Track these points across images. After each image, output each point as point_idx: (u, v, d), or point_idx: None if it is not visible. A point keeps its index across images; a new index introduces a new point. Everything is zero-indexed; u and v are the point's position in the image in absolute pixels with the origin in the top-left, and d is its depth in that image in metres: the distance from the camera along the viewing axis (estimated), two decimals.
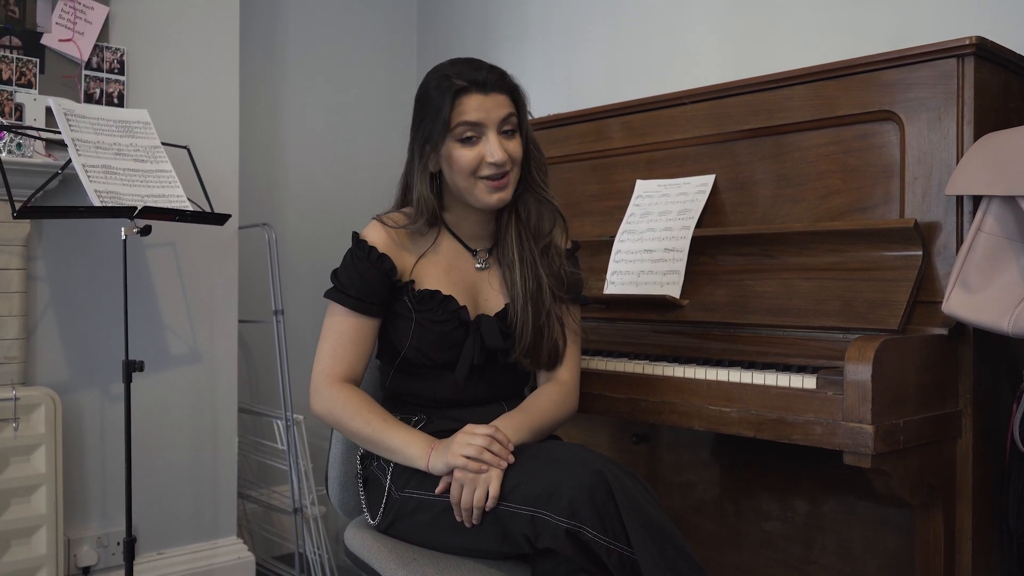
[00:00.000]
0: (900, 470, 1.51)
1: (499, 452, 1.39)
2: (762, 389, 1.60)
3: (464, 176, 1.54)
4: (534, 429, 1.53)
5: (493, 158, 1.52)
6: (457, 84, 1.52)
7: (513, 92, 1.58)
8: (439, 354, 1.57)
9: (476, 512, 1.38)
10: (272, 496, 2.94)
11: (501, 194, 1.56)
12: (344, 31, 3.39)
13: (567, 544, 1.31)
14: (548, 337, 1.59)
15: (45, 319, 2.35)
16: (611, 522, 1.29)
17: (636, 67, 2.77)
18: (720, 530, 2.06)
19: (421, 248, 1.61)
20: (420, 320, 1.56)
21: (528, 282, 1.58)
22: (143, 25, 2.51)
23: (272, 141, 3.20)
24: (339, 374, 1.55)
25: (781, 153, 1.93)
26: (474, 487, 1.37)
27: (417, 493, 1.49)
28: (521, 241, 1.61)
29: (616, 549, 1.29)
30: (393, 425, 1.51)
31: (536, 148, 1.63)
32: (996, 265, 1.57)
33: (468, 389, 1.59)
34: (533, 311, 1.57)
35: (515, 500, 1.36)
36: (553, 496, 1.32)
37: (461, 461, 1.38)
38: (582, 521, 1.29)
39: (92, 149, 2.15)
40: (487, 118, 1.52)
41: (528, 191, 1.62)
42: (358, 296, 1.55)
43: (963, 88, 1.66)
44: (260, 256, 2.87)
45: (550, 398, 1.61)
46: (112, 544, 2.42)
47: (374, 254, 1.56)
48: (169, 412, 2.55)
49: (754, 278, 1.87)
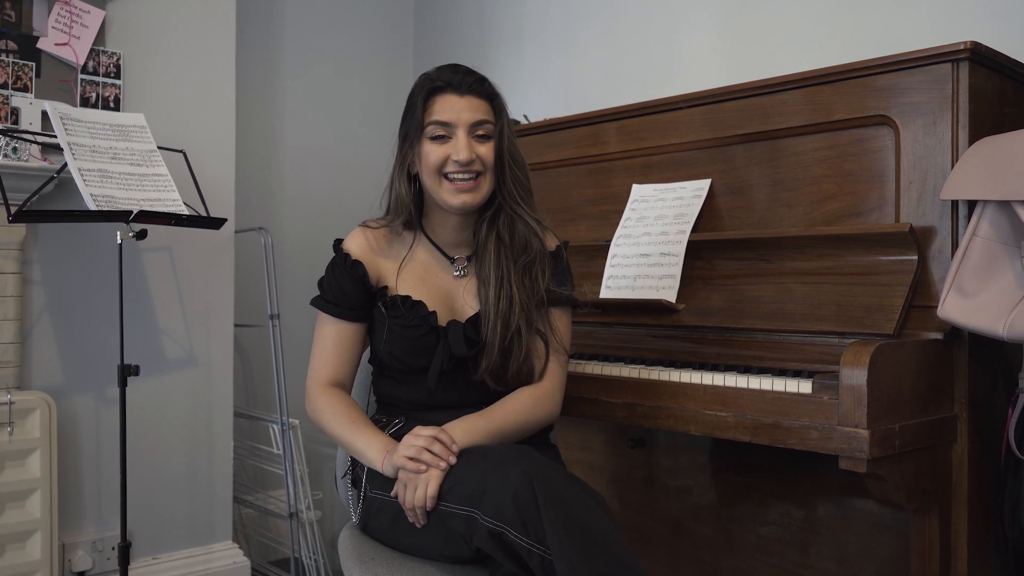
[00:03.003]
0: (896, 474, 1.51)
1: (440, 452, 1.40)
2: (758, 394, 1.60)
3: (431, 174, 1.56)
4: (491, 432, 1.51)
5: (458, 156, 1.52)
6: (433, 84, 1.55)
7: (492, 99, 1.59)
8: (411, 359, 1.58)
9: (419, 511, 1.39)
10: (268, 500, 2.94)
11: (466, 196, 1.55)
12: (340, 35, 3.39)
13: (493, 545, 1.30)
14: (516, 357, 1.57)
15: (40, 323, 2.35)
16: (534, 524, 1.27)
17: (632, 71, 2.78)
18: (716, 535, 2.06)
19: (399, 254, 1.63)
20: (391, 326, 1.58)
21: (500, 301, 1.57)
22: (139, 29, 2.51)
23: (268, 145, 3.20)
24: (326, 379, 1.60)
25: (777, 158, 1.93)
26: (414, 487, 1.39)
27: (380, 494, 1.52)
28: (499, 259, 1.60)
29: (537, 552, 1.26)
30: (361, 428, 1.53)
31: (515, 162, 1.60)
32: (991, 270, 1.57)
33: (442, 393, 1.59)
34: (502, 330, 1.55)
35: (453, 500, 1.36)
36: (483, 496, 1.32)
37: (402, 461, 1.40)
38: (505, 522, 1.28)
39: (88, 153, 2.14)
40: (458, 119, 1.54)
41: (506, 207, 1.60)
42: (336, 302, 1.59)
43: (958, 93, 1.66)
44: (256, 260, 2.87)
45: (519, 401, 1.58)
46: (107, 548, 2.42)
47: (348, 261, 1.59)
48: (165, 416, 2.55)
49: (750, 282, 1.87)
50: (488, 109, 1.57)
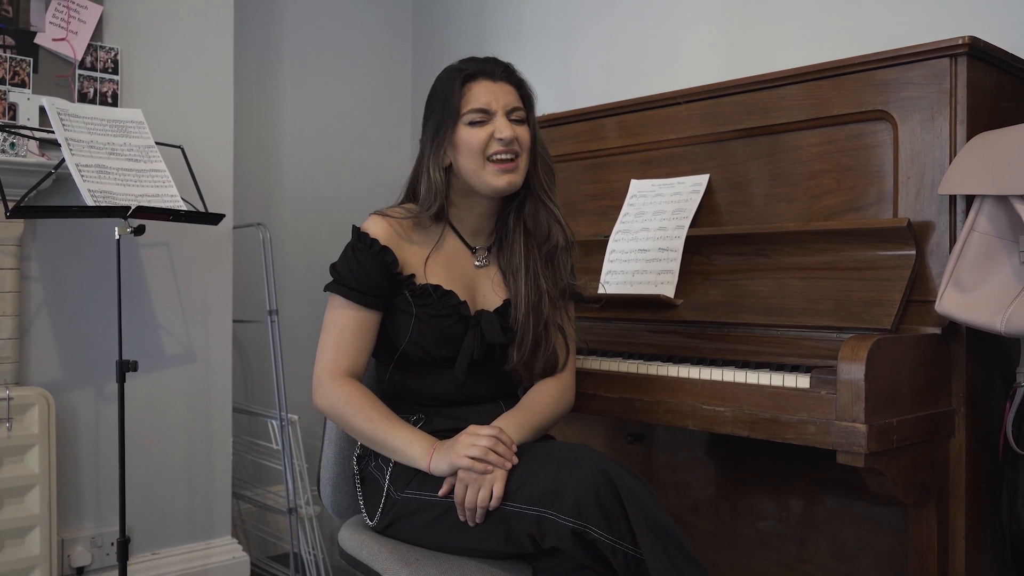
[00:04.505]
0: (893, 469, 1.51)
1: (503, 453, 1.39)
2: (756, 388, 1.60)
3: (474, 157, 1.55)
4: (535, 427, 1.54)
5: (502, 134, 1.53)
6: (466, 72, 1.57)
7: (520, 86, 1.62)
8: (438, 349, 1.56)
9: (480, 512, 1.38)
10: (267, 496, 2.94)
11: (510, 176, 1.56)
12: (339, 30, 3.39)
13: (573, 543, 1.31)
14: (546, 348, 1.59)
15: (39, 319, 2.35)
16: (617, 521, 1.29)
17: (631, 67, 2.77)
18: (715, 529, 2.06)
19: (425, 242, 1.61)
20: (420, 315, 1.56)
21: (531, 293, 1.59)
22: (137, 24, 2.51)
23: (266, 140, 3.20)
24: (342, 368, 1.55)
25: (775, 153, 1.93)
26: (478, 487, 1.37)
27: (418, 494, 1.48)
28: (528, 250, 1.62)
29: (622, 548, 1.29)
30: (396, 424, 1.50)
31: (544, 152, 1.64)
32: (989, 264, 1.57)
33: (466, 387, 1.59)
34: (534, 321, 1.58)
35: (520, 500, 1.36)
36: (559, 496, 1.32)
37: (466, 462, 1.38)
38: (588, 520, 1.29)
39: (86, 149, 2.14)
40: (496, 103, 1.56)
41: (533, 195, 1.62)
42: (359, 288, 1.55)
43: (956, 88, 1.66)
44: (254, 256, 2.87)
45: (549, 394, 1.61)
46: (106, 544, 2.42)
47: (376, 247, 1.56)
48: (163, 412, 2.55)
49: (748, 278, 1.87)
50: (518, 95, 1.60)
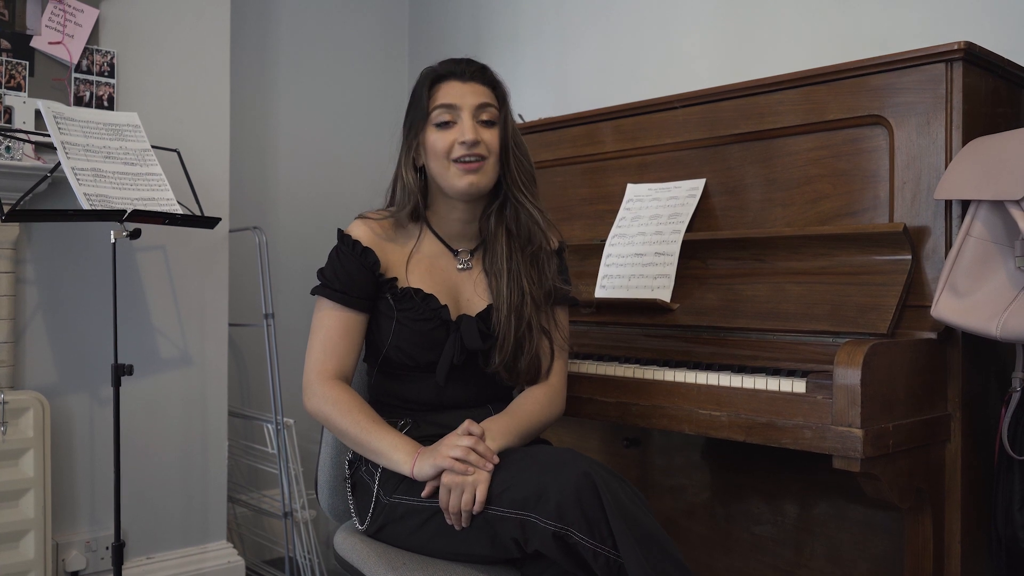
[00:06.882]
0: (889, 474, 1.51)
1: (484, 453, 1.40)
2: (752, 393, 1.61)
3: (439, 159, 1.56)
4: (521, 432, 1.53)
5: (464, 137, 1.53)
6: (436, 73, 1.58)
7: (495, 87, 1.61)
8: (420, 354, 1.56)
9: (464, 515, 1.38)
10: (262, 500, 2.93)
11: (472, 177, 1.55)
12: (335, 34, 3.39)
13: (555, 547, 1.31)
14: (528, 350, 1.58)
15: (34, 322, 2.34)
16: (598, 525, 1.29)
17: (628, 71, 2.78)
18: (710, 534, 2.06)
19: (405, 244, 1.62)
20: (401, 319, 1.56)
21: (513, 294, 1.58)
22: (133, 28, 2.50)
23: (263, 144, 3.19)
24: (330, 370, 1.55)
25: (771, 157, 1.94)
26: (461, 490, 1.37)
27: (406, 498, 1.48)
28: (511, 251, 1.61)
29: (603, 552, 1.28)
30: (381, 428, 1.50)
31: (520, 151, 1.63)
32: (984, 269, 1.57)
33: (450, 391, 1.59)
34: (515, 322, 1.57)
35: (504, 504, 1.36)
36: (541, 499, 1.31)
37: (448, 462, 1.39)
38: (569, 524, 1.29)
39: (81, 152, 2.14)
40: (462, 102, 1.55)
41: (512, 198, 1.61)
42: (344, 290, 1.56)
43: (951, 93, 1.67)
44: (251, 259, 2.86)
45: (537, 400, 1.60)
46: (101, 548, 2.41)
47: (358, 248, 1.57)
48: (159, 416, 2.54)
49: (744, 282, 1.87)
50: (491, 95, 1.59)
